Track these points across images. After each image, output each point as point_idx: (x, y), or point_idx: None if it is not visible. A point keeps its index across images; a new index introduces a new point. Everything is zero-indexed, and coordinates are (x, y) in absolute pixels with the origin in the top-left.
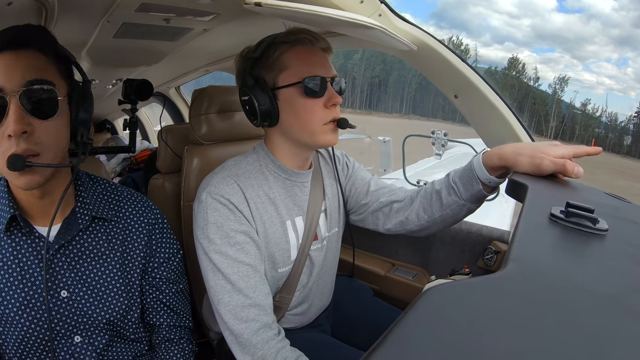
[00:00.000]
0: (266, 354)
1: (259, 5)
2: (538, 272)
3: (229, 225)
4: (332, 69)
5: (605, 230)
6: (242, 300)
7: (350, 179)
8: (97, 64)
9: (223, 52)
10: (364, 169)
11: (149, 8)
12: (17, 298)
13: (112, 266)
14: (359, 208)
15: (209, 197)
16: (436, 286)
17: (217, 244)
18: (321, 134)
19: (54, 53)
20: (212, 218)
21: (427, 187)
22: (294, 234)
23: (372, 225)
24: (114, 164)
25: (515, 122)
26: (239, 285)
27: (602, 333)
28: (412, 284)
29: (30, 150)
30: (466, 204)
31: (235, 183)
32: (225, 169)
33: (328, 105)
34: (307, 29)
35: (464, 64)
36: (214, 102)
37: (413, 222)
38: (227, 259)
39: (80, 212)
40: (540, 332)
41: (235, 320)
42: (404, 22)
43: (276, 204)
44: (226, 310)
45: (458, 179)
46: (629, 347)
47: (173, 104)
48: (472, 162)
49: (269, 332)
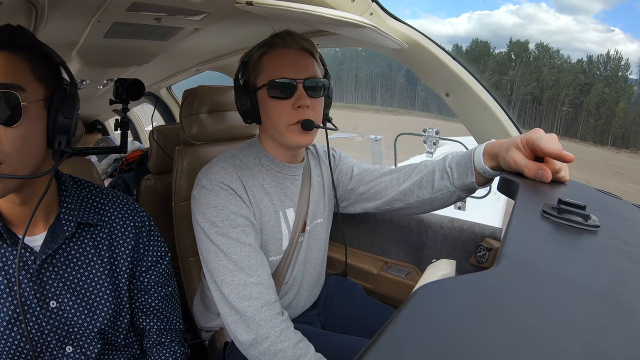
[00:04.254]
0: (269, 332)
1: (250, 4)
2: (530, 268)
3: (229, 208)
4: (307, 70)
5: (597, 227)
6: (244, 278)
7: (336, 169)
8: (87, 64)
9: (214, 52)
10: (349, 156)
11: (140, 7)
12: (6, 312)
13: (101, 272)
14: (346, 194)
15: (210, 182)
16: (429, 284)
17: (218, 226)
18: (288, 134)
19: (32, 54)
20: (213, 202)
21: (420, 166)
22: (285, 224)
23: (361, 209)
24: (105, 165)
25: (506, 119)
26: (241, 264)
27: (594, 328)
28: (405, 282)
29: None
30: (457, 191)
31: (235, 172)
32: (223, 160)
33: (295, 106)
34: (288, 31)
35: (455, 62)
36: (205, 102)
37: (401, 200)
38: (229, 239)
39: (65, 218)
40: (532, 329)
41: (239, 299)
42: (395, 20)
43: (270, 194)
44: (230, 289)
45: (455, 164)
46: (621, 342)
47: (164, 104)
48: (473, 150)
49: (273, 310)
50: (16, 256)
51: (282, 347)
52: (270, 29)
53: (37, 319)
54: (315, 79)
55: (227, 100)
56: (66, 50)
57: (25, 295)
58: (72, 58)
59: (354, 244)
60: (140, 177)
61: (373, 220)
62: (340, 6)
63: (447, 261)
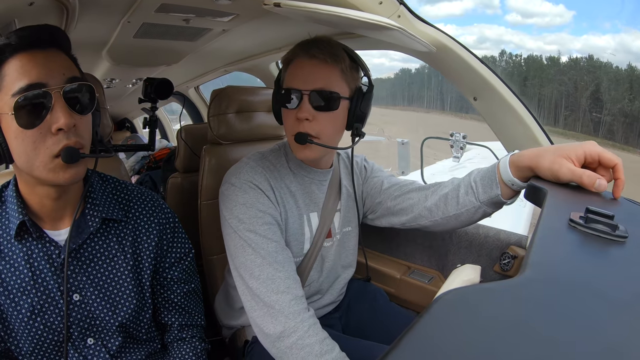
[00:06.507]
0: (298, 326)
1: (278, 5)
2: (555, 278)
3: (257, 206)
4: (318, 81)
5: (624, 237)
6: (273, 272)
7: (367, 181)
8: (117, 64)
9: (242, 53)
10: (381, 169)
11: (169, 9)
12: (30, 303)
13: (124, 268)
14: (374, 207)
15: (239, 180)
16: (450, 291)
17: (246, 222)
18: (291, 144)
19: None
20: (242, 199)
21: (446, 183)
22: (308, 227)
23: (387, 223)
24: (132, 162)
25: (535, 125)
26: (269, 259)
27: (621, 341)
28: (428, 288)
29: (78, 143)
30: (482, 207)
31: (263, 172)
32: (253, 160)
33: (297, 117)
34: (315, 40)
35: (483, 65)
36: (233, 102)
37: (426, 217)
38: (256, 235)
39: (90, 214)
40: (556, 342)
41: (267, 292)
42: (423, 23)
43: (296, 197)
44: (258, 283)
45: (479, 179)
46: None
47: (192, 103)
48: (497, 163)
49: (301, 305)
50: (41, 250)
51: (310, 342)
52: (297, 29)
53: (60, 311)
54: (325, 91)
55: (255, 100)
56: (97, 49)
57: (50, 288)
58: (102, 57)
59: (378, 247)
60: (167, 174)
61: None
62: (368, 8)
63: (471, 266)
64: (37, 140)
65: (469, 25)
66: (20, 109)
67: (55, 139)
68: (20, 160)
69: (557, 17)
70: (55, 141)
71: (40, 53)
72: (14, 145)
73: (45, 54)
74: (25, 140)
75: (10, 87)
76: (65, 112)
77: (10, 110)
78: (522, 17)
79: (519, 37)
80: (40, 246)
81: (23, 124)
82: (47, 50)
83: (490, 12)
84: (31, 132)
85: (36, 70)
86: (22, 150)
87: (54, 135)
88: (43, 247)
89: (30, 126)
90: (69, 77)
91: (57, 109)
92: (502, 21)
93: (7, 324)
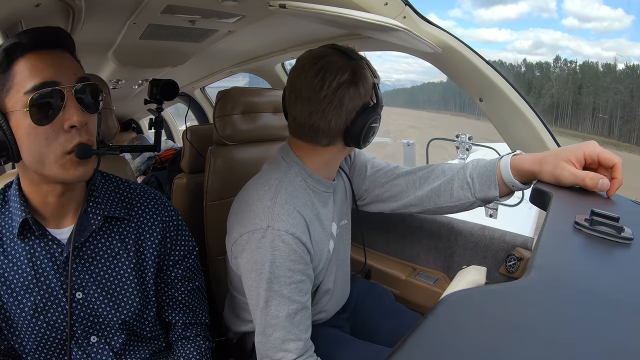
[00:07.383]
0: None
1: (283, 7)
2: (561, 280)
3: (288, 265)
4: None
5: (630, 239)
6: (284, 335)
7: (351, 169)
8: (123, 65)
9: (248, 54)
10: (363, 152)
11: (175, 10)
12: (33, 301)
13: (127, 266)
14: (361, 194)
15: (273, 231)
16: (455, 292)
17: (272, 282)
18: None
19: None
20: (272, 256)
21: (436, 171)
22: (332, 240)
23: (377, 209)
24: (138, 162)
25: (541, 127)
26: (284, 323)
27: (626, 345)
28: (433, 289)
29: (90, 140)
30: (477, 202)
31: (298, 214)
32: (279, 194)
33: None
34: None
35: (489, 66)
36: (238, 103)
37: (417, 205)
38: (279, 296)
39: (92, 212)
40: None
41: (275, 350)
42: (428, 24)
43: (321, 219)
44: (267, 340)
45: (477, 176)
46: None
47: (198, 104)
48: (497, 162)
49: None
50: (44, 248)
51: None
52: (303, 31)
53: (63, 309)
54: None
55: (260, 101)
56: (103, 50)
57: (52, 286)
58: (108, 58)
59: (382, 249)
60: (172, 175)
61: (403, 226)
62: (374, 9)
63: (477, 268)
64: (50, 137)
65: (524, 30)
66: (35, 105)
67: (68, 136)
68: (31, 157)
69: (616, 22)
70: (68, 138)
71: (49, 53)
72: (25, 143)
73: (54, 55)
74: (37, 137)
75: (22, 85)
76: (78, 110)
77: (23, 107)
78: (579, 22)
79: (576, 43)
80: (43, 244)
81: (37, 120)
82: (55, 51)
83: (546, 15)
84: (44, 129)
85: (48, 69)
86: (34, 147)
87: (67, 133)
88: (45, 245)
89: (45, 122)
90: (79, 77)
91: (69, 107)
92: (559, 25)
93: (10, 322)
